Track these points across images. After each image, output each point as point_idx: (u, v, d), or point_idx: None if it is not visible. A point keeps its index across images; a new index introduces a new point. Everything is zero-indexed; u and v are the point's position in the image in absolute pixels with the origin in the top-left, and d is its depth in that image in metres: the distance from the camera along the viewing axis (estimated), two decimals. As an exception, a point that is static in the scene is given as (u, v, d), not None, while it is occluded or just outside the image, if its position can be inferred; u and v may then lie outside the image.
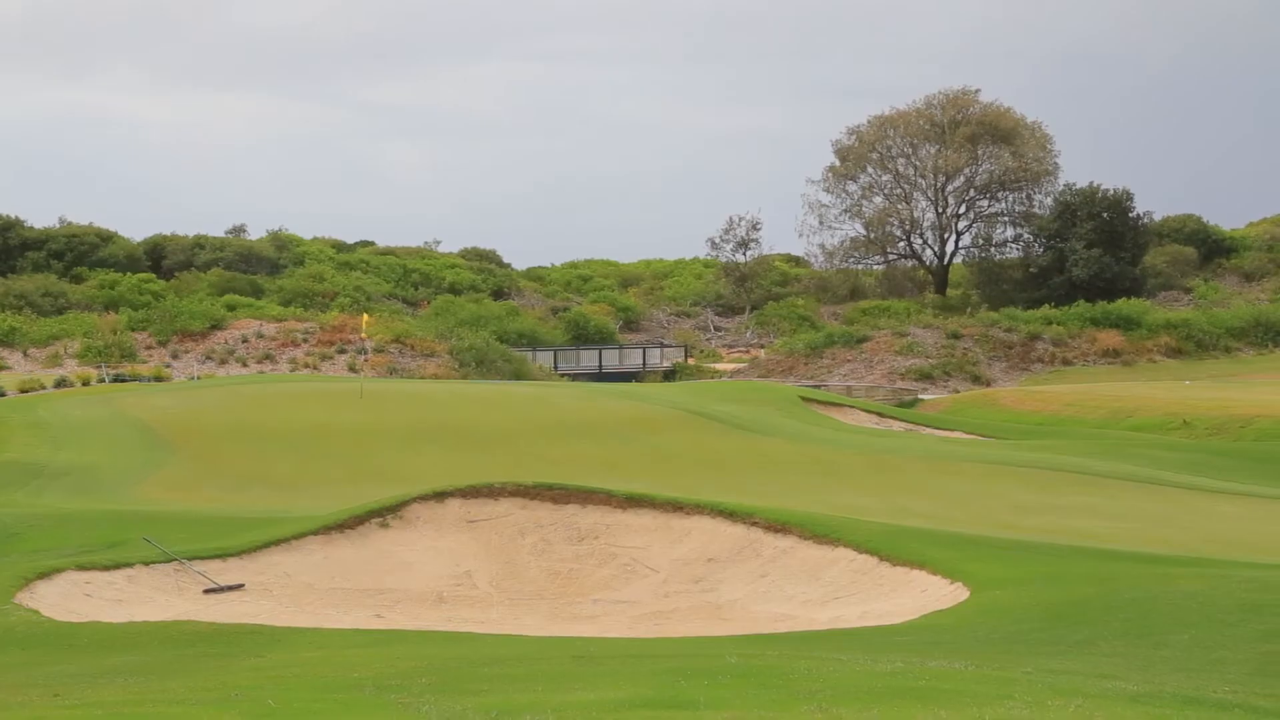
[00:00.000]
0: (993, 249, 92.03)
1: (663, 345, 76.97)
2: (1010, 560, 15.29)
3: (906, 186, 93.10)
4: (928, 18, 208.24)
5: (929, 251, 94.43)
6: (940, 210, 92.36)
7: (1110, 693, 8.06)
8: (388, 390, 39.39)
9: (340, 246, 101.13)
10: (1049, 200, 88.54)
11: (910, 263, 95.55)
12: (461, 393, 40.20)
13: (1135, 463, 30.46)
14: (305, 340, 59.41)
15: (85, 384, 44.28)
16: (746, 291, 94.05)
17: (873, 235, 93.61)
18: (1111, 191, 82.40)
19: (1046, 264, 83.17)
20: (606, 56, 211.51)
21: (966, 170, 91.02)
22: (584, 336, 76.15)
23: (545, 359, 66.12)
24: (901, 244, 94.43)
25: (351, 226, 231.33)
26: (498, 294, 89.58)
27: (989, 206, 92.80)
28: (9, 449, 27.65)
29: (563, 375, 62.01)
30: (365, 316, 51.53)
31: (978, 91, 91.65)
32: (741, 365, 71.31)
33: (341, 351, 58.01)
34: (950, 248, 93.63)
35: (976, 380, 63.69)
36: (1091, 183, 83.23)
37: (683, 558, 17.56)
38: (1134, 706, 7.51)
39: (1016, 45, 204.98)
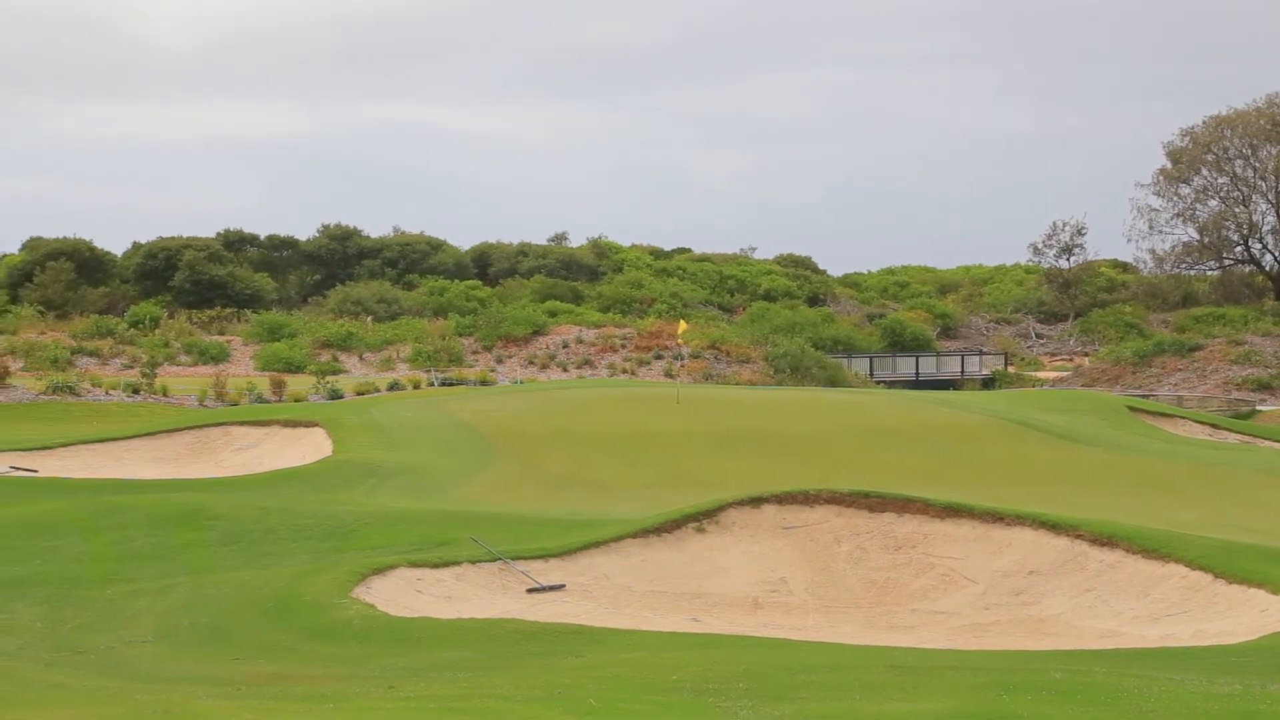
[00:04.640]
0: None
1: (981, 352, 75.51)
2: (1361, 582, 14.40)
3: (1244, 189, 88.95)
4: (1257, 14, 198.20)
5: (1269, 257, 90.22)
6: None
7: None
8: (703, 396, 39.75)
9: (657, 253, 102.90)
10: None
11: (1248, 268, 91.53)
12: (775, 399, 40.26)
13: None
14: (623, 346, 60.62)
15: (415, 387, 46.26)
16: (1070, 298, 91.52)
17: (1207, 240, 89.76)
18: None
19: (1401, 269, 78.21)
20: (920, 60, 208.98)
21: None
22: (900, 343, 75.37)
23: (861, 366, 65.68)
24: (1238, 249, 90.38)
25: (668, 233, 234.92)
26: (813, 300, 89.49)
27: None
28: (346, 449, 28.99)
29: (879, 382, 61.44)
30: (681, 323, 52.18)
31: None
32: (1064, 373, 69.38)
33: (658, 357, 58.95)
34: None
35: (1321, 391, 60.33)
36: None
37: (1003, 569, 17.17)
38: None
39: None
